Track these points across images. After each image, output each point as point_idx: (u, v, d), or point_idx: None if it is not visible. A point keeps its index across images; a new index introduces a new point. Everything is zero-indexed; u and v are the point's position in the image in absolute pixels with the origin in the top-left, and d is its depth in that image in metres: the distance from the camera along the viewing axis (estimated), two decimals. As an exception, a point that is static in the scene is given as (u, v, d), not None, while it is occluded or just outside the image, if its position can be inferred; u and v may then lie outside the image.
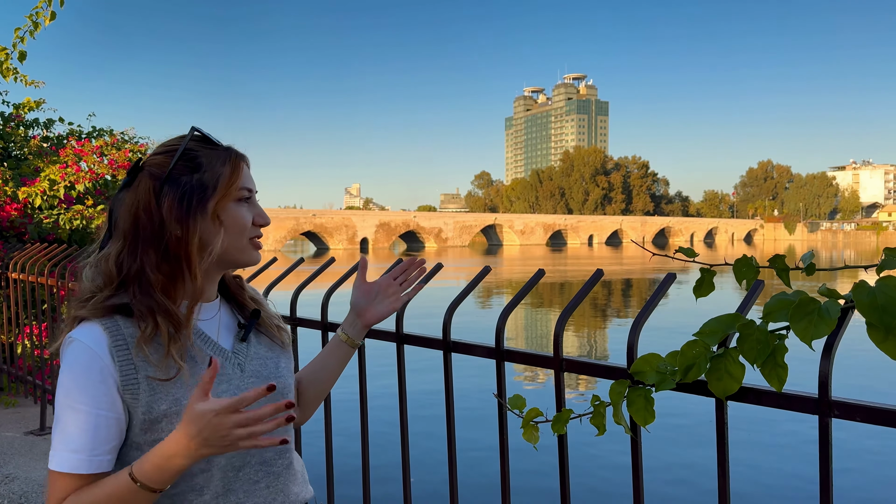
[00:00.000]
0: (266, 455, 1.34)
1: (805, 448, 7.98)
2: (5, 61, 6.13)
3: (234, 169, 1.29)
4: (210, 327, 1.36)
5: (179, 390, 1.23)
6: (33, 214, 5.73)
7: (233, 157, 1.31)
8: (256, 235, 1.34)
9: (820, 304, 1.22)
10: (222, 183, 1.28)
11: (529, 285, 1.83)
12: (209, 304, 1.37)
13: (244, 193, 1.31)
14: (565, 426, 1.54)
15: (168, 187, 1.25)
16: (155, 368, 1.21)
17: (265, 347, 1.41)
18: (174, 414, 1.21)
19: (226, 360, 1.33)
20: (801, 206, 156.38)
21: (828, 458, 1.26)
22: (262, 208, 1.36)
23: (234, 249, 1.31)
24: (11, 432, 4.45)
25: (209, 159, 1.28)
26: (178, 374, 1.22)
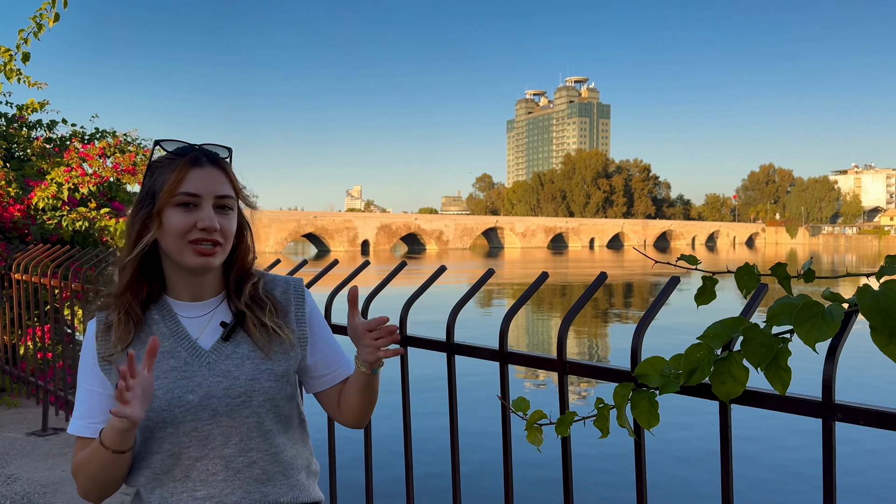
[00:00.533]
0: (227, 451, 1.38)
1: (809, 450, 7.97)
2: (9, 63, 6.15)
3: (178, 176, 1.35)
4: (194, 325, 1.43)
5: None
6: (36, 216, 5.74)
7: (181, 164, 1.36)
8: (199, 239, 1.35)
9: (823, 308, 1.22)
10: (165, 189, 1.35)
11: (533, 288, 1.84)
12: (200, 302, 1.44)
13: (182, 199, 1.35)
14: (569, 429, 1.54)
15: (137, 196, 1.43)
16: (106, 349, 1.40)
17: (249, 348, 1.42)
18: None
19: (195, 359, 1.39)
20: (803, 209, 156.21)
21: (831, 461, 1.27)
22: (211, 213, 1.35)
23: (172, 252, 1.37)
24: (13, 433, 4.46)
25: (164, 168, 1.38)
26: (114, 354, 1.38)
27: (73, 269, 4.30)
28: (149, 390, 1.27)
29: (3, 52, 6.13)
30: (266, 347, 1.42)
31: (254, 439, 1.40)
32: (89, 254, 4.46)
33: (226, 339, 1.41)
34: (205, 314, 1.43)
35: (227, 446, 1.38)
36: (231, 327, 1.42)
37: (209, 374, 1.38)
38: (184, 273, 1.41)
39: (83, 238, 5.91)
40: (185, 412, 1.36)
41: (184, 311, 1.43)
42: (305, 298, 1.53)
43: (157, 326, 1.42)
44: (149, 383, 1.26)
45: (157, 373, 1.37)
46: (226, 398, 1.37)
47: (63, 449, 4.14)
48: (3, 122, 6.57)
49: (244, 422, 1.39)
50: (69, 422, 1.42)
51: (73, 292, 4.31)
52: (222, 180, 1.39)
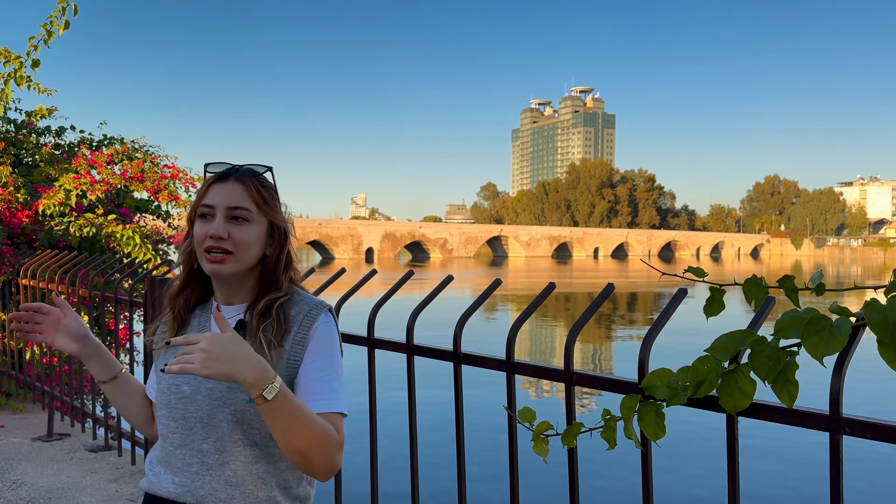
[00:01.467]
0: (204, 446, 1.46)
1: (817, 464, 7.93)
2: (19, 69, 6.19)
3: (202, 191, 1.50)
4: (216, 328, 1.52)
5: (160, 362, 1.55)
6: (44, 221, 5.76)
7: (210, 181, 1.50)
8: (209, 247, 1.45)
9: (831, 322, 1.23)
10: (195, 202, 1.51)
11: (540, 299, 1.84)
12: (230, 306, 1.54)
13: (202, 210, 1.48)
14: (575, 440, 1.55)
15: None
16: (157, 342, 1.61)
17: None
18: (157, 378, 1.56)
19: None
20: (808, 221, 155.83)
21: (839, 475, 1.27)
22: (220, 223, 1.45)
23: (199, 258, 1.50)
24: (19, 438, 4.47)
25: (201, 185, 1.53)
26: (160, 347, 1.56)
27: (80, 275, 4.32)
28: (64, 329, 1.56)
29: (14, 59, 6.17)
30: (269, 358, 1.44)
31: (231, 442, 1.45)
32: (96, 260, 4.48)
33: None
34: (230, 317, 1.52)
35: (206, 442, 1.46)
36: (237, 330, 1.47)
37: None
38: (215, 278, 1.52)
39: (91, 244, 5.93)
40: (177, 399, 1.47)
41: (203, 313, 1.59)
42: (314, 322, 1.49)
43: (195, 321, 1.58)
44: (62, 324, 1.56)
45: (168, 358, 1.52)
46: (208, 398, 1.45)
47: (68, 454, 4.15)
48: (12, 129, 6.61)
49: (220, 425, 1.45)
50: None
51: (80, 298, 4.33)
52: (239, 193, 1.48)
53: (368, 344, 2.27)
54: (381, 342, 2.24)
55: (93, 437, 4.41)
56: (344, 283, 2.59)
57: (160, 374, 1.51)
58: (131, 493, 3.59)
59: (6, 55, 6.17)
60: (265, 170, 1.53)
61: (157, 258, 5.76)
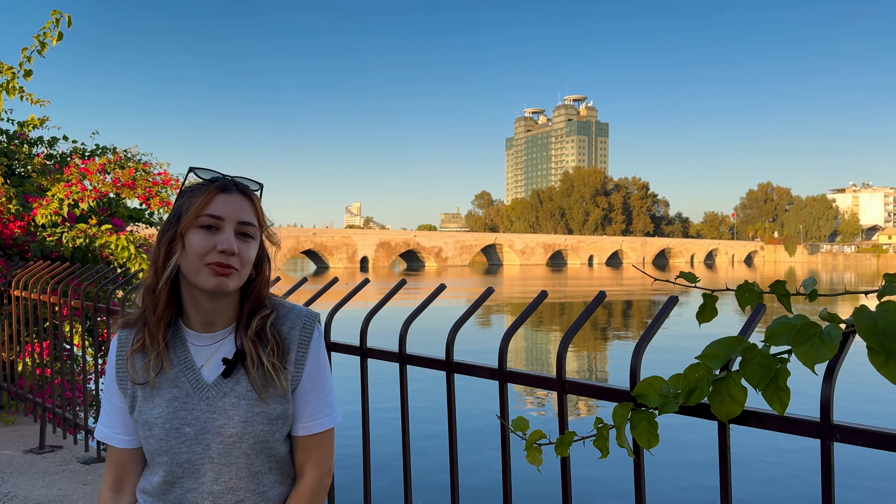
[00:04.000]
0: (215, 488, 1.40)
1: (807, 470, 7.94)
2: (12, 80, 6.18)
3: (204, 199, 1.37)
4: (202, 354, 1.44)
5: (146, 405, 1.41)
6: (36, 232, 5.74)
7: (210, 188, 1.38)
8: (218, 262, 1.35)
9: (821, 329, 1.23)
10: (190, 211, 1.37)
11: (532, 307, 1.84)
12: (211, 333, 1.44)
13: (206, 220, 1.36)
14: (568, 449, 1.54)
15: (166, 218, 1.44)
16: (133, 371, 1.42)
17: (247, 388, 1.41)
18: (140, 422, 1.42)
19: (196, 391, 1.41)
20: (802, 228, 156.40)
21: (830, 482, 1.27)
22: (231, 237, 1.36)
23: (189, 272, 1.37)
24: (10, 450, 4.44)
25: (193, 192, 1.40)
26: (147, 384, 1.41)
27: (72, 286, 4.30)
28: None
29: (6, 70, 6.16)
30: (261, 389, 1.40)
31: (242, 479, 1.40)
32: (89, 271, 4.47)
33: (226, 375, 1.41)
34: (212, 344, 1.43)
35: (217, 483, 1.39)
36: (231, 365, 1.40)
37: (207, 410, 1.39)
38: (201, 298, 1.40)
39: (83, 255, 5.91)
40: (180, 443, 1.38)
41: (194, 339, 1.44)
42: (311, 338, 1.48)
43: (168, 352, 1.43)
44: None
45: (161, 400, 1.40)
46: (218, 436, 1.38)
47: (60, 467, 4.12)
48: (4, 139, 6.60)
49: (234, 461, 1.39)
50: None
51: (72, 309, 4.31)
52: (247, 208, 1.41)
53: (361, 353, 2.26)
54: (373, 351, 2.23)
55: (85, 449, 4.38)
56: (336, 292, 2.58)
57: (152, 419, 1.39)
58: None
59: (-2, 66, 6.16)
60: (259, 186, 1.48)
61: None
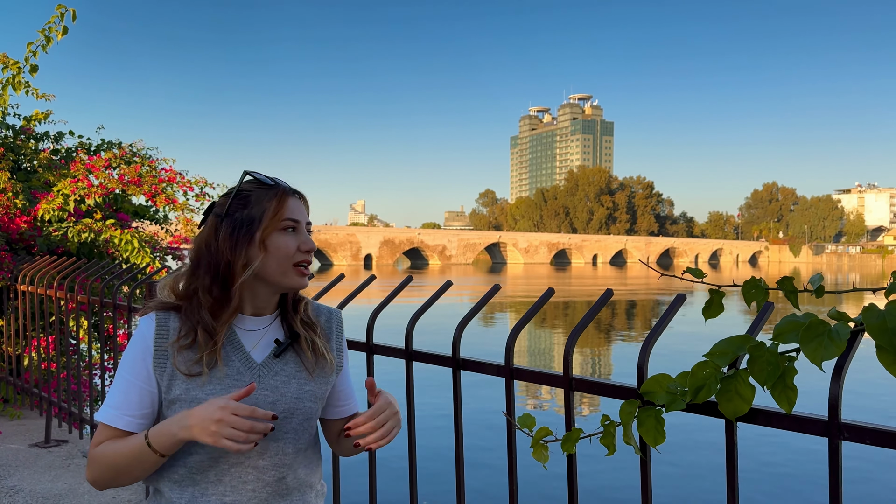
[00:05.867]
0: (261, 462, 1.44)
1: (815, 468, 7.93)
2: (17, 75, 6.20)
3: (279, 203, 1.45)
4: (250, 338, 1.50)
5: (194, 383, 1.42)
6: (42, 227, 5.76)
7: (280, 192, 1.47)
8: (301, 261, 1.47)
9: (830, 327, 1.23)
10: (267, 215, 1.44)
11: (539, 304, 1.84)
12: (259, 317, 1.52)
13: (288, 224, 1.46)
14: (575, 445, 1.54)
15: (224, 223, 1.45)
16: (184, 366, 1.42)
17: (296, 368, 1.50)
18: (184, 401, 1.40)
19: (247, 369, 1.46)
20: (806, 228, 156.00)
21: (837, 480, 1.27)
22: (309, 237, 1.49)
23: (277, 273, 1.45)
24: (16, 444, 4.46)
25: (258, 197, 1.46)
26: (200, 376, 1.41)
27: (78, 281, 4.32)
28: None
29: (12, 65, 6.18)
30: (312, 368, 1.50)
31: (287, 455, 1.47)
32: (95, 266, 4.48)
33: (277, 355, 1.48)
34: (261, 329, 1.51)
35: (263, 458, 1.44)
36: (285, 345, 1.49)
37: (258, 387, 1.44)
38: (264, 292, 1.49)
39: (89, 250, 5.93)
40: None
41: (242, 324, 1.50)
42: (343, 330, 1.64)
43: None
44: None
45: (211, 378, 1.43)
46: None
47: (66, 461, 4.14)
48: (11, 134, 6.61)
49: (282, 437, 1.46)
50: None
51: (78, 304, 4.33)
52: (306, 209, 1.53)
53: (367, 349, 2.27)
54: (380, 348, 2.24)
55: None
56: (342, 288, 2.59)
57: (203, 396, 1.40)
58: (129, 500, 3.58)
59: (4, 61, 6.18)
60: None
61: (157, 263, 5.76)
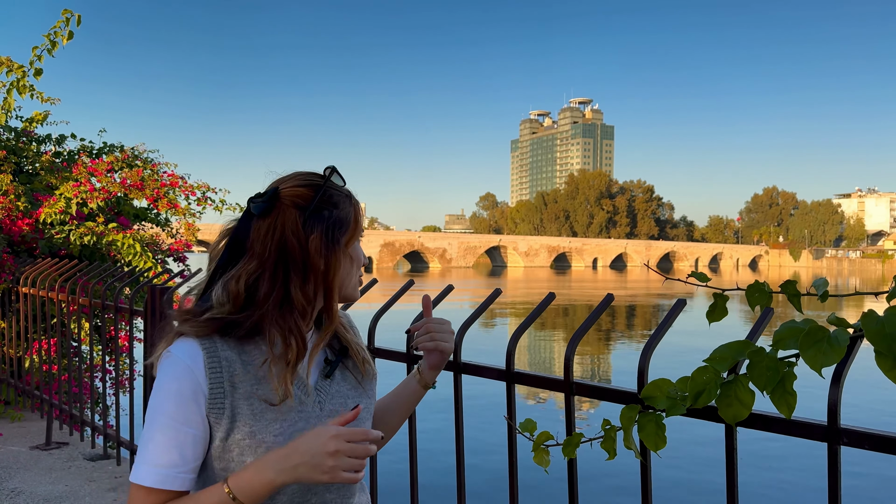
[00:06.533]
0: (328, 496, 1.32)
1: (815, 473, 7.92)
2: (22, 79, 6.22)
3: (357, 210, 1.35)
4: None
5: (259, 423, 1.23)
6: (44, 230, 5.77)
7: (354, 199, 1.36)
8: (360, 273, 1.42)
9: (829, 333, 1.24)
10: (353, 222, 1.33)
11: (540, 309, 1.85)
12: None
13: (362, 234, 1.39)
14: (576, 450, 1.55)
15: (313, 219, 1.27)
16: (263, 389, 1.24)
17: (349, 385, 1.41)
18: (247, 446, 1.22)
19: (307, 397, 1.32)
20: (807, 232, 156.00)
21: (836, 485, 1.28)
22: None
23: (351, 285, 1.37)
24: (17, 446, 4.46)
25: (340, 198, 1.32)
26: (285, 401, 1.24)
27: (80, 284, 4.33)
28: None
29: (17, 69, 6.20)
30: (363, 383, 1.43)
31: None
32: (97, 268, 4.49)
33: (328, 376, 1.37)
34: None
35: (329, 491, 1.33)
36: (335, 364, 1.39)
37: (322, 415, 1.32)
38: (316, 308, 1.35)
39: (91, 252, 5.94)
40: None
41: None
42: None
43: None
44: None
45: (275, 414, 1.25)
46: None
47: (66, 463, 4.15)
48: (13, 137, 6.63)
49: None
50: (134, 466, 1.19)
51: (80, 306, 4.34)
52: None
53: (370, 353, 2.27)
54: (381, 351, 2.24)
55: (91, 445, 4.41)
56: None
57: (271, 438, 1.23)
58: (130, 502, 3.58)
59: (9, 64, 6.20)
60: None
61: (158, 266, 5.77)
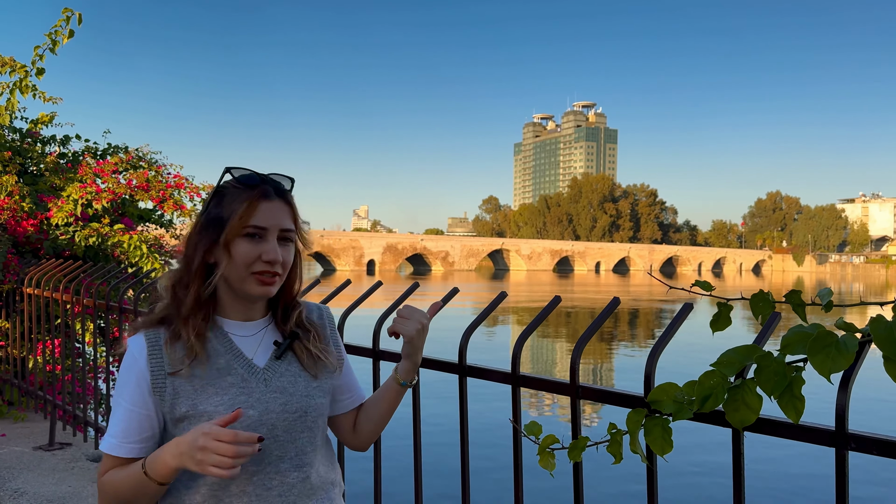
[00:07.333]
0: (282, 466, 1.42)
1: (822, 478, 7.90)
2: (24, 78, 6.22)
3: (248, 207, 1.39)
4: (248, 344, 1.47)
5: (199, 396, 1.39)
6: (49, 230, 5.78)
7: (253, 196, 1.39)
8: (262, 270, 1.40)
9: (837, 338, 1.23)
10: (233, 218, 1.38)
11: (545, 312, 1.85)
12: (251, 322, 1.49)
13: (251, 230, 1.39)
14: (581, 454, 1.55)
15: (201, 219, 1.43)
16: (172, 365, 1.39)
17: (300, 368, 1.49)
18: (192, 416, 1.38)
19: (251, 375, 1.44)
20: (810, 237, 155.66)
21: (844, 491, 1.27)
22: (275, 246, 1.40)
23: (235, 279, 1.41)
24: (20, 447, 4.46)
25: (233, 196, 1.40)
26: (182, 370, 1.38)
27: (84, 285, 4.33)
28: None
29: (20, 69, 6.21)
30: (313, 369, 1.49)
31: (307, 454, 1.46)
32: (101, 269, 4.50)
33: (278, 357, 1.47)
34: (255, 333, 1.49)
35: (283, 461, 1.43)
36: (285, 346, 1.47)
37: (266, 391, 1.43)
38: (240, 298, 1.46)
39: (95, 253, 5.95)
40: (245, 427, 1.38)
41: (235, 330, 1.47)
42: (335, 323, 1.64)
43: (212, 344, 1.44)
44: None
45: (216, 388, 1.40)
46: (283, 413, 1.43)
47: (69, 464, 4.15)
48: (17, 138, 6.64)
49: (298, 436, 1.44)
50: (101, 439, 1.42)
51: (84, 307, 4.34)
52: (287, 214, 1.44)
53: (373, 355, 2.28)
54: (385, 354, 2.24)
55: (94, 446, 4.41)
56: (347, 295, 2.60)
57: (212, 408, 1.37)
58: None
59: (12, 64, 6.21)
60: (291, 183, 1.50)
61: (165, 268, 5.77)
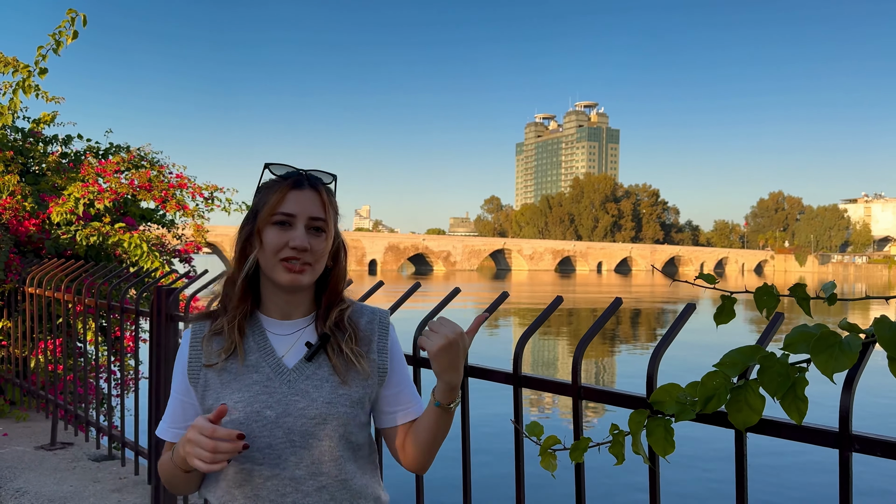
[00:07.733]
0: (297, 473, 1.39)
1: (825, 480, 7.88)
2: (27, 78, 6.23)
3: (278, 197, 1.42)
4: (283, 342, 1.47)
5: (224, 391, 1.41)
6: (51, 230, 5.78)
7: (283, 186, 1.43)
8: (290, 257, 1.40)
9: (841, 338, 1.22)
10: (266, 208, 1.42)
11: (547, 312, 1.84)
12: (291, 321, 1.49)
13: (279, 218, 1.41)
14: (583, 454, 1.54)
15: (245, 216, 1.49)
16: (209, 354, 1.44)
17: (330, 372, 1.44)
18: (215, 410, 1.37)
19: (277, 375, 1.42)
20: (812, 238, 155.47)
21: (848, 492, 1.26)
22: (303, 233, 1.40)
23: (266, 267, 1.43)
24: (22, 446, 4.46)
25: (268, 188, 1.45)
26: (216, 363, 1.43)
27: (86, 284, 4.33)
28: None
29: (22, 69, 6.21)
30: (343, 373, 1.44)
31: (325, 463, 1.40)
32: (103, 269, 4.50)
33: (309, 359, 1.43)
34: (292, 333, 1.47)
35: (299, 468, 1.39)
36: (315, 348, 1.44)
37: (288, 392, 1.40)
38: (278, 290, 1.45)
39: (97, 253, 5.95)
40: (261, 427, 1.38)
41: (273, 328, 1.47)
42: (389, 331, 1.55)
43: (246, 340, 1.45)
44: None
45: (240, 385, 1.41)
46: (301, 418, 1.39)
47: (71, 464, 4.14)
48: (20, 138, 6.64)
49: (317, 444, 1.39)
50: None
51: (85, 307, 4.34)
52: (318, 203, 1.44)
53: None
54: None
55: (96, 446, 4.41)
56: (349, 294, 2.58)
57: (231, 404, 1.39)
58: (134, 503, 3.58)
59: (14, 65, 6.21)
60: (332, 178, 1.50)
61: (166, 267, 5.77)
